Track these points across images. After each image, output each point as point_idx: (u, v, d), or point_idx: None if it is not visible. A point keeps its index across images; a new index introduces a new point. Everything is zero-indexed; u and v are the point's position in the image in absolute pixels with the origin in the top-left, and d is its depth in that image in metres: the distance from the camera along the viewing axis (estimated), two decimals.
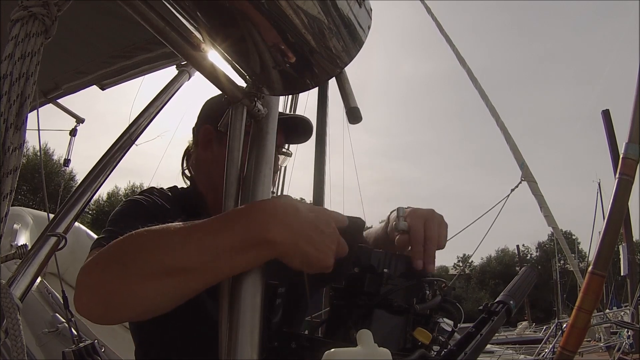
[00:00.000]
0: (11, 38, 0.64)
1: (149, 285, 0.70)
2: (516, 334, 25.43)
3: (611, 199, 1.59)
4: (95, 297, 0.72)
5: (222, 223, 0.74)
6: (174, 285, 0.70)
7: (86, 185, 1.64)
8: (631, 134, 1.62)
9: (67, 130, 2.64)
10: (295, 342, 0.78)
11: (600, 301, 5.89)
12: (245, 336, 0.67)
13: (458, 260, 52.05)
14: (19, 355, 0.61)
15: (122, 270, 0.71)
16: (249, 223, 0.72)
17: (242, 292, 0.71)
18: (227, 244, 0.70)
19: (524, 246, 54.47)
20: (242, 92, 0.86)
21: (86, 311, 0.72)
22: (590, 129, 69.56)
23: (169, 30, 0.77)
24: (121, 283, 0.70)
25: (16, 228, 3.36)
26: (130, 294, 0.70)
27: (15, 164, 0.62)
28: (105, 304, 0.71)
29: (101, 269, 0.73)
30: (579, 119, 78.13)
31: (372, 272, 0.81)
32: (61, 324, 2.84)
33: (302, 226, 0.74)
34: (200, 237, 0.71)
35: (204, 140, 1.26)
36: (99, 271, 0.73)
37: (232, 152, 0.85)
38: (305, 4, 0.69)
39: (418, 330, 0.78)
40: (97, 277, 0.72)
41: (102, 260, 0.74)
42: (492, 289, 48.80)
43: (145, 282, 0.70)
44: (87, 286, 0.73)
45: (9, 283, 1.31)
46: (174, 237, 0.72)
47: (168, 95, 2.04)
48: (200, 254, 0.70)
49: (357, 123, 0.83)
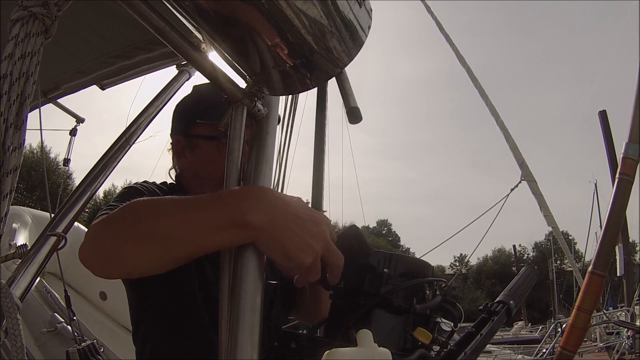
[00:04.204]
0: (11, 38, 0.64)
1: (139, 247, 0.77)
2: (512, 333, 25.50)
3: (611, 199, 1.59)
4: (95, 252, 0.83)
5: (207, 201, 0.77)
6: (159, 250, 0.76)
7: (86, 185, 1.64)
8: (631, 134, 1.62)
9: (67, 130, 2.64)
10: (295, 342, 0.78)
11: None
12: (245, 336, 0.67)
13: (455, 260, 52.17)
14: (19, 355, 0.61)
15: (118, 232, 0.80)
16: (231, 204, 0.74)
17: (242, 292, 0.70)
18: (206, 220, 0.74)
19: (520, 246, 54.72)
20: (242, 92, 0.86)
21: (88, 263, 0.82)
22: (585, 130, 69.76)
23: (169, 30, 0.77)
24: (115, 243, 0.79)
25: (15, 227, 3.35)
26: (122, 253, 0.78)
27: (15, 164, 0.62)
28: (102, 260, 0.82)
29: (104, 229, 0.84)
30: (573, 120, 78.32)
31: (372, 272, 0.81)
32: (60, 323, 2.83)
33: (285, 217, 0.73)
34: (186, 210, 0.76)
35: (177, 151, 1.36)
36: (102, 231, 0.83)
37: (232, 152, 0.85)
38: (306, 4, 0.69)
39: (418, 330, 0.78)
40: (99, 236, 0.83)
41: (105, 222, 0.84)
42: (488, 288, 48.87)
43: (135, 244, 0.77)
44: (91, 243, 0.83)
45: (9, 283, 1.31)
46: (164, 207, 0.79)
47: (168, 95, 2.04)
48: (184, 225, 0.74)
49: (357, 123, 0.83)
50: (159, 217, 0.77)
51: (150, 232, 0.76)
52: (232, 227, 0.72)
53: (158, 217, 0.77)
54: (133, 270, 0.83)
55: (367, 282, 0.81)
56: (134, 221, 0.79)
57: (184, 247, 0.75)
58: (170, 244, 0.75)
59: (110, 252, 0.80)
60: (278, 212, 0.73)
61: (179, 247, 0.75)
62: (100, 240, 0.83)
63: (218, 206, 0.75)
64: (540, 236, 53.41)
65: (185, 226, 0.74)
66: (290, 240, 0.72)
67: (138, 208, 0.81)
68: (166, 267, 0.78)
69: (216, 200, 0.76)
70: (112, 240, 0.80)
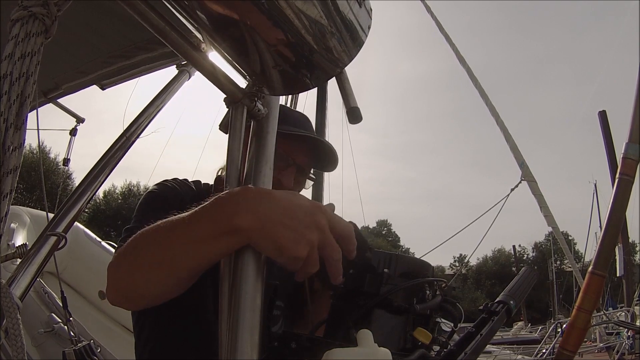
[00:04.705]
0: (11, 38, 0.64)
1: (147, 277, 0.79)
2: (512, 334, 25.50)
3: (611, 199, 1.59)
4: (117, 292, 0.87)
5: (194, 215, 0.76)
6: (164, 275, 0.77)
7: (86, 185, 1.64)
8: (631, 134, 1.61)
9: (67, 130, 2.63)
10: (295, 342, 0.78)
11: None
12: (245, 336, 0.67)
13: (454, 260, 52.17)
14: (19, 355, 0.61)
15: (128, 268, 0.84)
16: (216, 212, 0.73)
17: (242, 292, 0.70)
18: (198, 235, 0.73)
19: (520, 246, 54.74)
20: (242, 92, 0.86)
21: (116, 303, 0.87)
22: (585, 130, 69.75)
23: (169, 30, 0.77)
24: (129, 278, 0.83)
25: (13, 227, 3.36)
26: (137, 286, 0.81)
27: (15, 164, 0.62)
28: (125, 297, 0.87)
29: (117, 265, 0.87)
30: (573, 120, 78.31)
31: (372, 272, 0.81)
32: (57, 324, 2.83)
33: (271, 211, 0.71)
34: (179, 230, 0.76)
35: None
36: (116, 267, 0.87)
37: (232, 152, 0.85)
38: (306, 4, 0.69)
39: (418, 330, 0.78)
40: (115, 272, 0.86)
41: (118, 257, 0.89)
42: (488, 289, 48.88)
43: (143, 275, 0.80)
44: (110, 280, 0.86)
45: (9, 283, 1.31)
46: (163, 231, 0.79)
47: (168, 95, 2.04)
48: (180, 245, 0.75)
49: (357, 123, 0.83)
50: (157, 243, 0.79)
51: (153, 261, 0.78)
52: (223, 235, 0.71)
53: (156, 244, 0.79)
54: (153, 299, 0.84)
55: (367, 282, 0.81)
56: (137, 255, 0.82)
57: (183, 265, 0.75)
58: (171, 267, 0.76)
59: (128, 289, 0.84)
60: (264, 208, 0.71)
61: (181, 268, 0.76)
62: (117, 280, 0.87)
63: (205, 217, 0.74)
64: (540, 236, 53.50)
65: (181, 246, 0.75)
66: (281, 234, 0.69)
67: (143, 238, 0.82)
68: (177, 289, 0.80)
69: (203, 211, 0.75)
70: (126, 276, 0.84)
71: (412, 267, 0.86)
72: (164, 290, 0.81)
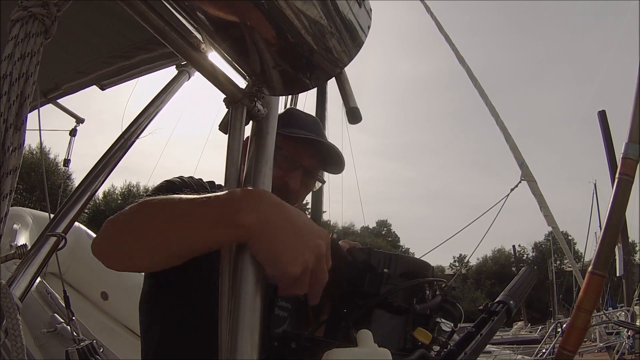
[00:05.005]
0: (11, 38, 0.64)
1: (142, 239, 0.81)
2: (512, 334, 25.47)
3: (611, 199, 1.59)
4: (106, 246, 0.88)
5: (206, 199, 0.77)
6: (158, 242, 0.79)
7: (86, 185, 1.64)
8: (631, 134, 1.61)
9: (67, 131, 2.63)
10: (295, 342, 0.78)
11: None
12: (245, 336, 0.67)
13: (454, 260, 52.15)
14: (19, 355, 0.61)
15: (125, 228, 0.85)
16: (226, 203, 0.74)
17: (242, 292, 0.70)
18: (203, 217, 0.75)
19: (520, 246, 54.72)
20: (242, 92, 0.86)
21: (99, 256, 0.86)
22: (585, 130, 69.77)
23: (169, 30, 0.77)
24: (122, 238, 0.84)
25: (16, 228, 3.36)
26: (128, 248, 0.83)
27: (15, 164, 0.62)
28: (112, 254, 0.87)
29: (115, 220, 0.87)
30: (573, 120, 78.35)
31: (372, 272, 0.81)
32: (60, 324, 2.84)
33: (278, 221, 0.71)
34: (187, 207, 0.78)
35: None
36: (113, 222, 0.87)
37: (232, 152, 0.85)
38: (306, 5, 0.69)
39: (418, 330, 0.78)
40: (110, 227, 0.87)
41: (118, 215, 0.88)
42: (488, 289, 48.87)
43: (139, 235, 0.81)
44: (103, 237, 0.88)
45: (9, 283, 1.31)
46: (170, 203, 0.80)
47: (168, 95, 2.04)
48: (183, 220, 0.77)
49: (357, 123, 0.83)
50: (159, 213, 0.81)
51: (149, 228, 0.80)
52: (223, 226, 0.72)
53: (158, 214, 0.81)
54: (135, 263, 0.87)
55: (367, 282, 0.81)
56: (138, 218, 0.83)
57: (177, 240, 0.77)
58: (166, 237, 0.77)
59: (118, 247, 0.85)
60: (271, 214, 0.72)
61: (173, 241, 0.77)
62: (110, 235, 0.88)
63: (213, 204, 0.75)
64: (540, 236, 53.47)
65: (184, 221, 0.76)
66: (281, 245, 0.69)
67: (149, 205, 0.84)
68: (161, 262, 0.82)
69: (215, 198, 0.76)
70: (120, 235, 0.85)
71: (412, 267, 0.86)
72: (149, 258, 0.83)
